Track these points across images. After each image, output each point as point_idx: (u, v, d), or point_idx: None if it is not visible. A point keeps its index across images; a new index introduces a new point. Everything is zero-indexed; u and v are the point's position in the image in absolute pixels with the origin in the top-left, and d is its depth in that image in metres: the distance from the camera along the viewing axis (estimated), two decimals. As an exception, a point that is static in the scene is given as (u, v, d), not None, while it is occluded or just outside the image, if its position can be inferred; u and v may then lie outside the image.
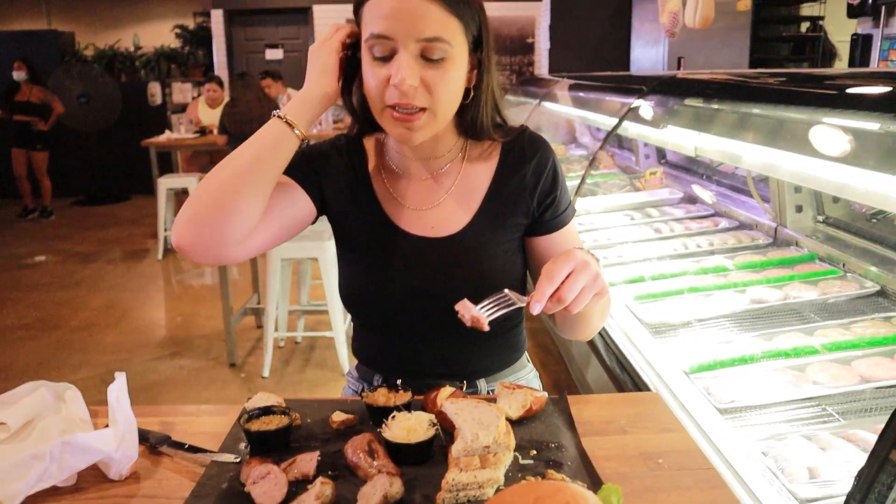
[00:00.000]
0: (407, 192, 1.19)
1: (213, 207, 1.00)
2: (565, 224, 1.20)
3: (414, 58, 1.00)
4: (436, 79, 1.01)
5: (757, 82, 2.03)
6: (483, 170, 1.19)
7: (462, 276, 1.13)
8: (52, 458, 0.81)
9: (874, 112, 1.40)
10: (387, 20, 1.00)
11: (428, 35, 0.99)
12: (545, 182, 1.17)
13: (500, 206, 1.17)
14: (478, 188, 1.18)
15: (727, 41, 5.95)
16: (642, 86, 2.79)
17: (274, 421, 0.91)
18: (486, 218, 1.16)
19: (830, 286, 2.03)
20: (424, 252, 1.15)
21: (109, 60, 9.08)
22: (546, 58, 7.58)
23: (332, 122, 6.20)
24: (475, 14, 1.06)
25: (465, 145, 1.20)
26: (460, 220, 1.16)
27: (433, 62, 1.01)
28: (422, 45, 1.00)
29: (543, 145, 1.20)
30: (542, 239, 1.20)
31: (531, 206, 1.17)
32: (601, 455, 0.86)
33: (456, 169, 1.19)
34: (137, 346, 4.00)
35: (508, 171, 1.18)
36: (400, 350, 1.20)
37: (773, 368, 1.64)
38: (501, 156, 1.19)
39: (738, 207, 2.81)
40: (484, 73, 1.10)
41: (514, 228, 1.18)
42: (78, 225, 7.47)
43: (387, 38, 1.00)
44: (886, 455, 0.93)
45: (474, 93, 1.11)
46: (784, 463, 1.29)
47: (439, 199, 1.18)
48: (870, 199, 1.49)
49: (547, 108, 4.48)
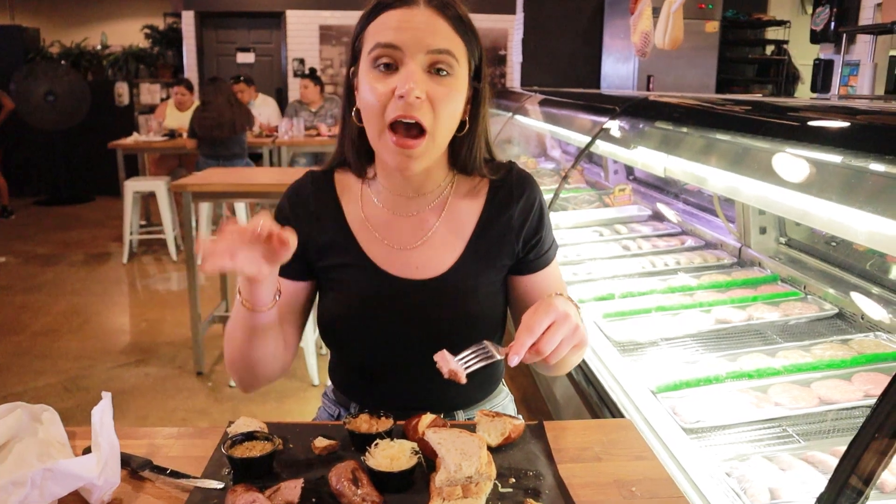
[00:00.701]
0: (391, 230, 1.17)
1: (243, 369, 1.11)
2: (549, 263, 1.21)
3: (421, 69, 1.01)
4: (441, 94, 1.01)
5: (723, 109, 2.10)
6: (470, 208, 1.19)
7: (445, 318, 1.13)
8: (33, 485, 0.81)
9: (833, 146, 1.47)
10: (396, 31, 1.01)
11: (438, 46, 1.01)
12: (531, 223, 1.18)
13: (486, 246, 1.17)
14: (464, 227, 1.17)
15: (695, 61, 6.09)
16: (615, 106, 2.85)
17: (257, 447, 0.92)
18: (471, 259, 1.16)
19: (792, 308, 2.09)
20: (408, 294, 1.14)
21: (76, 58, 8.93)
22: (518, 71, 7.66)
23: (305, 129, 6.18)
24: (478, 43, 1.08)
25: (453, 181, 1.20)
26: (445, 261, 1.15)
27: (439, 77, 1.02)
28: (430, 58, 1.01)
29: (531, 184, 1.21)
30: (525, 278, 1.20)
31: (516, 248, 1.18)
32: (577, 483, 0.89)
33: (441, 206, 1.18)
34: (101, 353, 3.94)
35: (496, 210, 1.18)
36: (379, 384, 1.19)
37: (736, 389, 1.69)
38: (489, 194, 1.19)
39: (705, 226, 2.88)
40: (481, 105, 1.12)
41: (498, 269, 1.18)
42: (39, 226, 7.32)
43: (395, 48, 1.00)
44: (846, 480, 0.98)
45: (470, 125, 1.12)
46: (746, 484, 1.34)
47: (424, 238, 1.16)
48: (828, 226, 1.55)
49: (520, 121, 4.52)
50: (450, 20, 1.03)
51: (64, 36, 9.52)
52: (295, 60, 8.71)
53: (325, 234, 1.18)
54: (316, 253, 1.18)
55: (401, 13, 1.02)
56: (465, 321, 1.11)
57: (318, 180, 1.22)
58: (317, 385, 3.41)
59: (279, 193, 4.19)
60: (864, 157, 1.37)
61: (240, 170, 4.92)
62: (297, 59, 8.71)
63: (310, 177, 1.24)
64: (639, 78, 6.18)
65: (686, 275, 2.47)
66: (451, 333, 1.07)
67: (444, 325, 1.12)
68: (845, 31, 4.90)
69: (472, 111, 1.11)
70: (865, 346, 1.82)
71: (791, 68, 7.02)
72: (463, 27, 1.05)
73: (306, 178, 1.24)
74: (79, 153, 8.49)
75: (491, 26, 8.42)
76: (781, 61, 7.07)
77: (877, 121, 1.50)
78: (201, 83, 8.06)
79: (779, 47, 7.17)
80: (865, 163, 1.37)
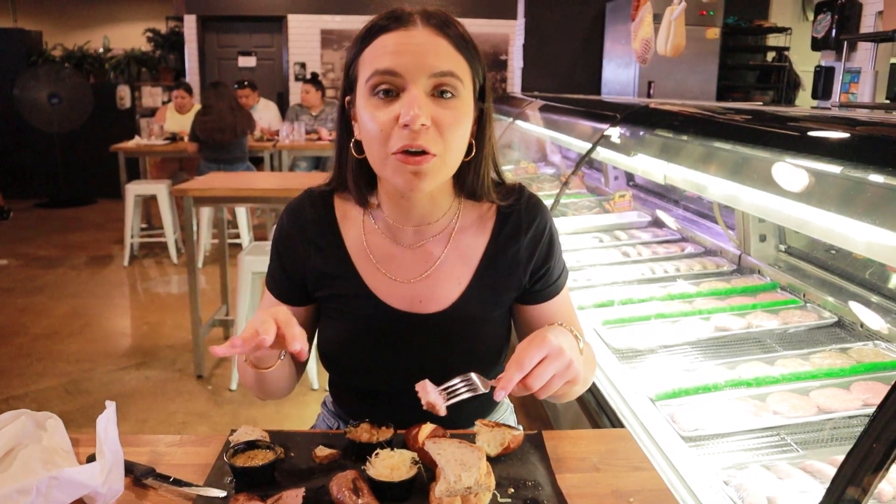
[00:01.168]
0: (393, 262, 1.12)
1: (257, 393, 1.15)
2: (557, 293, 1.16)
3: (425, 94, 0.95)
4: (448, 119, 0.95)
5: (723, 118, 2.11)
6: (477, 238, 1.13)
7: (448, 352, 1.10)
8: (38, 493, 0.82)
9: (832, 157, 1.48)
10: (394, 55, 0.95)
11: (441, 69, 0.95)
12: (540, 253, 1.13)
13: (492, 278, 1.12)
14: (470, 258, 1.12)
15: (696, 67, 6.11)
16: (615, 113, 2.86)
17: (259, 455, 0.93)
18: (477, 292, 1.11)
19: (791, 316, 2.10)
20: (411, 328, 1.10)
21: (78, 61, 8.95)
22: (519, 76, 7.68)
23: (305, 134, 6.19)
24: (481, 62, 1.02)
25: (460, 209, 1.14)
26: (450, 295, 1.11)
27: (444, 100, 0.96)
28: (434, 81, 0.95)
29: (541, 211, 1.15)
30: (532, 308, 1.15)
31: (524, 280, 1.14)
32: (575, 493, 0.89)
33: (447, 237, 1.12)
34: (102, 356, 3.95)
35: (504, 241, 1.13)
36: (380, 407, 1.16)
37: (735, 397, 1.70)
38: (497, 223, 1.13)
39: (704, 233, 2.89)
40: (486, 126, 1.06)
41: (504, 302, 1.14)
42: (40, 228, 7.33)
43: (395, 75, 0.94)
44: (843, 491, 0.99)
45: (476, 147, 1.05)
46: (744, 492, 1.34)
47: (428, 271, 1.11)
48: (826, 236, 1.57)
49: (520, 126, 4.54)
50: (451, 39, 0.98)
51: (66, 39, 9.54)
52: (296, 64, 8.73)
53: (325, 262, 1.13)
54: (315, 281, 1.14)
55: (398, 36, 0.96)
56: (468, 355, 1.08)
57: (317, 203, 1.16)
58: (316, 389, 3.42)
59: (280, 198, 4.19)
60: (863, 169, 1.38)
61: (241, 174, 4.93)
62: (298, 63, 8.72)
63: (308, 198, 1.17)
64: (640, 84, 6.19)
65: (685, 282, 2.48)
66: (454, 365, 1.02)
67: (447, 358, 1.09)
68: (846, 39, 4.92)
69: (477, 133, 1.05)
70: (864, 354, 1.83)
71: (792, 75, 7.04)
72: (465, 46, 0.99)
73: (304, 199, 1.17)
74: (80, 156, 8.51)
75: (492, 31, 8.44)
76: (782, 68, 7.09)
77: (876, 132, 1.51)
78: (203, 87, 8.07)
79: (780, 54, 7.18)
80: (864, 174, 1.38)
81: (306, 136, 6.21)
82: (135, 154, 6.23)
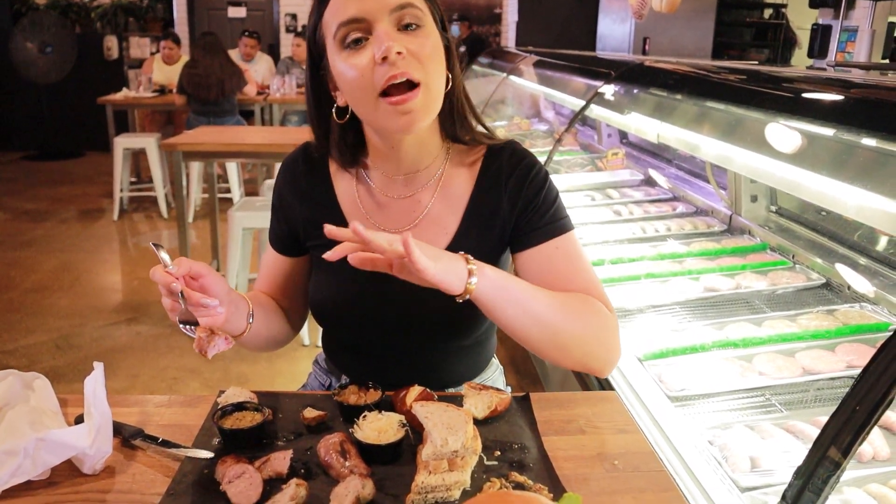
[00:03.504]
0: (383, 212, 1.15)
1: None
2: (551, 236, 1.12)
3: (392, 28, 0.98)
4: (418, 46, 0.99)
5: (718, 78, 2.08)
6: (464, 180, 1.15)
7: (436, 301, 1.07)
8: (26, 454, 0.82)
9: (825, 120, 1.47)
10: (353, 3, 0.98)
11: (400, 2, 0.98)
12: (527, 192, 1.13)
13: (477, 228, 1.14)
14: (457, 203, 1.14)
15: (692, 24, 6.03)
16: (610, 70, 2.83)
17: (247, 417, 0.94)
18: (464, 241, 1.12)
19: (780, 277, 2.12)
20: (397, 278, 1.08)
21: (63, 10, 8.73)
22: (513, 30, 7.57)
23: (297, 87, 6.10)
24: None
25: (449, 153, 1.16)
26: (438, 242, 1.12)
27: (412, 32, 0.99)
28: (396, 16, 0.98)
29: (528, 156, 1.16)
30: (527, 255, 1.13)
31: (508, 226, 1.13)
32: (561, 455, 0.90)
33: (437, 183, 1.15)
34: (92, 311, 3.95)
35: (488, 185, 1.14)
36: (370, 361, 1.20)
37: (722, 358, 1.72)
38: (482, 168, 1.15)
39: (696, 193, 2.88)
40: (453, 58, 1.08)
41: (490, 254, 1.13)
42: (28, 181, 7.25)
43: (359, 21, 0.98)
44: (824, 453, 1.00)
45: (451, 75, 1.07)
46: (728, 452, 1.37)
47: (417, 219, 1.14)
48: (817, 198, 1.57)
49: (514, 82, 4.49)
50: None
51: (50, -14, 9.30)
52: (287, 15, 8.56)
53: (316, 212, 1.17)
54: (305, 231, 1.19)
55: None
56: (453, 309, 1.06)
57: (312, 157, 1.20)
58: (307, 345, 3.44)
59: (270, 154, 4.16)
60: (856, 132, 1.37)
61: (231, 129, 4.87)
62: (289, 14, 8.55)
63: (303, 152, 1.22)
64: (635, 40, 6.12)
65: (676, 242, 2.48)
66: (442, 315, 1.05)
67: (435, 307, 1.09)
68: (846, -5, 4.85)
69: (448, 64, 1.07)
70: (850, 316, 1.84)
71: (789, 33, 6.96)
72: None
73: (300, 153, 1.22)
74: (68, 108, 8.37)
75: (487, -17, 8.27)
76: (779, 25, 7.01)
77: (870, 95, 1.50)
78: (192, 38, 7.92)
79: (777, 11, 7.09)
80: (857, 137, 1.37)
81: (297, 89, 6.12)
82: (123, 106, 6.14)
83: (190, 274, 0.95)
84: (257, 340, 1.15)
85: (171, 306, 0.94)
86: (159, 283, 0.93)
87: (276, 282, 1.24)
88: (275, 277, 1.24)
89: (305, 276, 1.25)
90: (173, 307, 0.94)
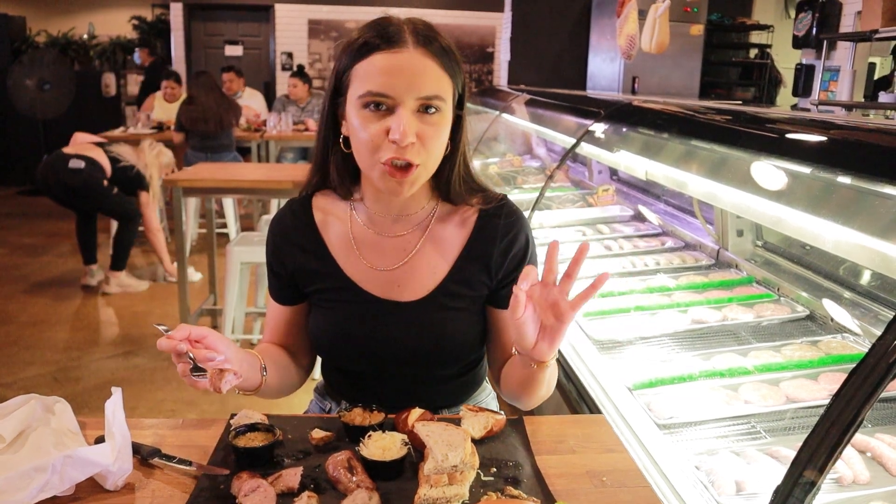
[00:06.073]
0: (374, 250, 1.21)
1: None
2: None
3: (412, 113, 1.04)
4: (430, 133, 1.06)
5: (704, 118, 2.17)
6: (456, 234, 1.22)
7: (426, 339, 1.18)
8: (53, 471, 0.88)
9: (807, 159, 1.55)
10: (386, 77, 1.03)
11: (428, 93, 1.04)
12: (511, 262, 1.20)
13: (468, 274, 1.20)
14: (447, 253, 1.21)
15: (680, 63, 6.19)
16: (599, 109, 2.92)
17: (259, 437, 1.00)
18: (452, 284, 1.19)
19: (765, 309, 2.18)
20: (390, 314, 1.19)
21: (63, 48, 8.89)
22: (506, 69, 7.73)
23: (293, 124, 6.22)
24: (461, 73, 1.11)
25: (436, 206, 1.23)
26: (426, 284, 1.19)
27: (429, 115, 1.05)
28: (421, 102, 1.04)
29: (521, 223, 1.23)
30: (500, 312, 1.22)
31: (494, 279, 1.21)
32: (553, 472, 0.97)
33: (424, 227, 1.21)
34: (89, 344, 3.98)
35: (483, 240, 1.21)
36: (368, 389, 1.26)
37: (709, 387, 1.77)
38: (478, 223, 1.22)
39: (685, 228, 2.96)
40: (461, 130, 1.15)
41: (477, 298, 1.22)
42: (25, 215, 7.30)
43: (386, 97, 1.03)
44: (801, 473, 1.06)
45: (451, 148, 1.14)
46: (714, 476, 1.42)
47: (407, 258, 1.20)
48: (800, 234, 1.63)
49: (507, 119, 4.60)
50: (436, 57, 1.06)
51: (50, 25, 9.48)
52: (283, 54, 8.73)
53: (309, 261, 1.23)
54: (303, 280, 1.25)
55: (389, 57, 1.04)
56: (444, 343, 1.16)
57: (297, 211, 1.27)
58: (304, 378, 3.47)
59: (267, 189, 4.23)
60: (836, 171, 1.45)
61: (229, 165, 4.96)
62: (285, 52, 8.72)
63: (289, 208, 1.28)
64: (624, 79, 6.27)
65: (665, 275, 2.55)
66: (433, 352, 1.13)
67: (426, 344, 1.17)
68: (826, 38, 5.02)
69: (452, 135, 1.14)
70: (832, 347, 1.90)
71: (774, 72, 7.15)
72: (449, 61, 1.08)
73: (285, 209, 1.29)
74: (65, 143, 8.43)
75: (479, 24, 8.48)
76: (764, 65, 7.19)
77: (850, 136, 1.58)
78: (189, 75, 8.06)
79: (762, 51, 7.29)
80: (836, 176, 1.45)
81: (293, 126, 6.24)
82: (121, 143, 6.21)
83: (191, 338, 1.00)
84: (273, 391, 1.22)
85: (183, 370, 0.99)
86: (167, 350, 0.98)
87: (283, 330, 1.31)
88: (280, 327, 1.31)
89: (304, 322, 1.31)
90: (184, 371, 0.99)
